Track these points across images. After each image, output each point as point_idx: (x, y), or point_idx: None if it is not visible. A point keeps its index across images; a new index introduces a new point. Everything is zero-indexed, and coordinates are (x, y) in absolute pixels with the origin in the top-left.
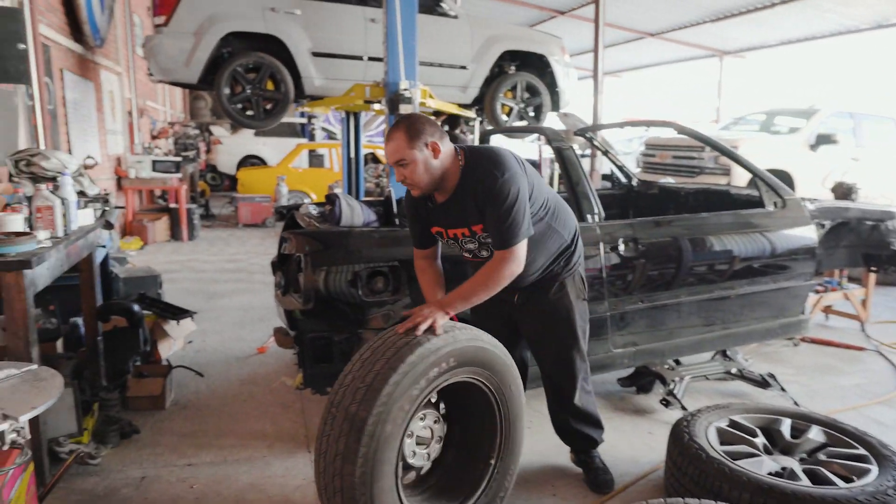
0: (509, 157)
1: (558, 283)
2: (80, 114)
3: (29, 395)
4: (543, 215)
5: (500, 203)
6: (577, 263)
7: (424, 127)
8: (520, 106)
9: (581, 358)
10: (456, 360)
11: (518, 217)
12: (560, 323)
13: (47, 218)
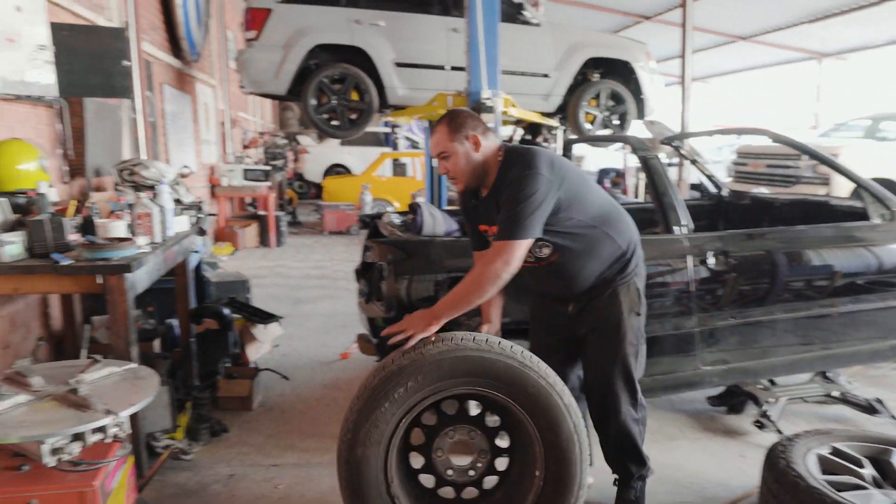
0: (542, 160)
1: (610, 290)
2: (177, 125)
3: (129, 392)
4: (594, 223)
5: (513, 193)
6: (632, 273)
7: (466, 121)
8: (604, 114)
9: (625, 377)
10: (426, 377)
11: (524, 212)
12: (608, 333)
13: (146, 224)
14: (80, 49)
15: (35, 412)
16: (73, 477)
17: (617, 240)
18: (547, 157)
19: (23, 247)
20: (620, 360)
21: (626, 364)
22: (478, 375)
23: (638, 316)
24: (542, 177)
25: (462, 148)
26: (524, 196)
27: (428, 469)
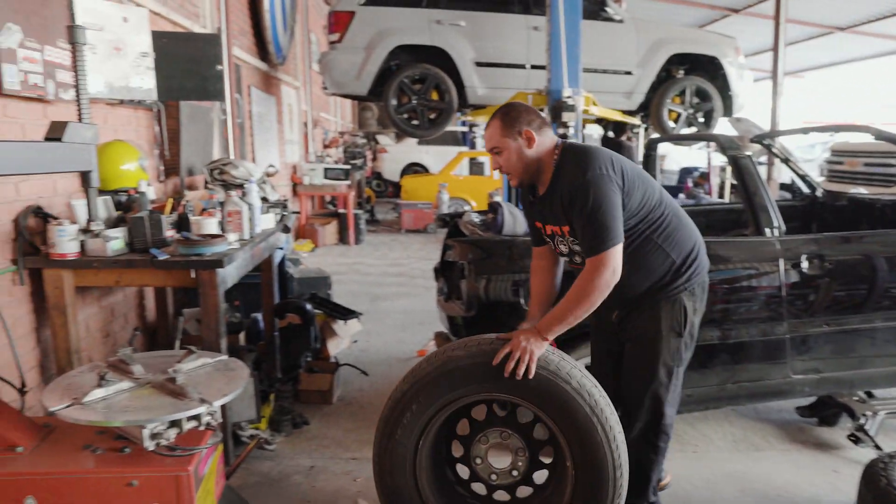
0: (600, 159)
1: (654, 303)
2: (263, 126)
3: (221, 382)
4: (646, 229)
5: (583, 206)
6: (680, 289)
7: (520, 115)
8: (688, 112)
9: (653, 398)
10: (427, 396)
11: (605, 221)
12: (643, 349)
13: (236, 221)
14: (177, 55)
15: (136, 398)
16: (170, 461)
17: (670, 252)
18: (605, 154)
19: (124, 242)
20: (650, 380)
21: (657, 385)
22: (474, 382)
23: (678, 336)
24: (604, 176)
25: (515, 143)
26: (597, 203)
27: (474, 478)
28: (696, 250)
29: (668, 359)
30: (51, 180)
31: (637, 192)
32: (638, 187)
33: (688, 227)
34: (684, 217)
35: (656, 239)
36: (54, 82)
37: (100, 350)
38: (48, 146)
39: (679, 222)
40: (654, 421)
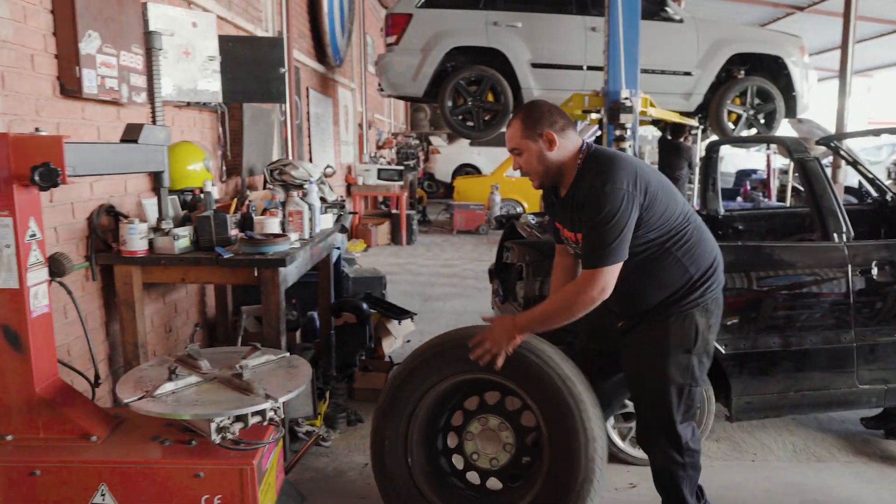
0: (623, 169)
1: (663, 317)
2: (320, 127)
3: (285, 379)
4: (666, 242)
5: (594, 215)
6: (693, 304)
7: (542, 116)
8: (749, 113)
9: (664, 418)
10: (415, 380)
11: (608, 237)
12: (650, 365)
13: (297, 221)
14: (242, 58)
15: (204, 392)
16: (235, 455)
17: (689, 266)
18: (630, 167)
19: (190, 240)
20: (658, 399)
21: (667, 404)
22: (455, 363)
23: (687, 353)
24: (623, 192)
25: (535, 146)
26: (608, 217)
27: (468, 468)
28: (714, 266)
29: (678, 376)
30: (122, 180)
31: (659, 206)
32: (661, 201)
33: (708, 243)
34: (706, 232)
35: (676, 252)
36: (128, 86)
37: (163, 345)
38: (125, 148)
39: (700, 237)
40: (671, 440)
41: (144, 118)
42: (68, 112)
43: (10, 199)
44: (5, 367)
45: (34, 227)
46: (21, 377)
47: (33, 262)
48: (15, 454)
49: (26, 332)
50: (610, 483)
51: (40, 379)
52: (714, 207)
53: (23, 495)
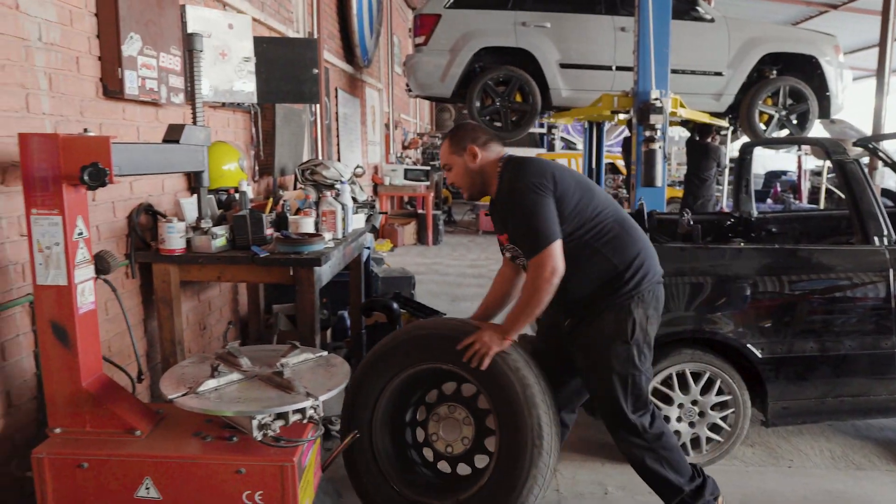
0: (532, 166)
1: (600, 313)
2: (347, 127)
3: (324, 377)
4: (584, 234)
5: (518, 213)
6: (627, 296)
7: (466, 133)
8: (781, 113)
9: (613, 409)
10: (395, 356)
11: (537, 223)
12: (594, 360)
13: (330, 221)
14: (276, 59)
15: (246, 390)
16: (276, 451)
17: (610, 257)
18: (540, 164)
19: (226, 239)
20: (607, 391)
21: (613, 396)
22: (433, 353)
23: (626, 344)
24: (534, 183)
25: (460, 160)
26: (528, 205)
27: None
28: (641, 257)
29: (620, 367)
30: (159, 179)
31: (570, 198)
32: (572, 193)
33: (632, 235)
34: (629, 226)
35: (595, 244)
36: (166, 87)
37: (197, 342)
38: (167, 148)
39: (622, 229)
40: (627, 428)
41: (181, 118)
42: (110, 112)
43: (59, 198)
44: (53, 362)
45: (81, 225)
46: (68, 372)
47: (80, 260)
48: (64, 447)
49: (74, 328)
50: (644, 488)
51: (86, 374)
52: (747, 209)
53: (71, 486)
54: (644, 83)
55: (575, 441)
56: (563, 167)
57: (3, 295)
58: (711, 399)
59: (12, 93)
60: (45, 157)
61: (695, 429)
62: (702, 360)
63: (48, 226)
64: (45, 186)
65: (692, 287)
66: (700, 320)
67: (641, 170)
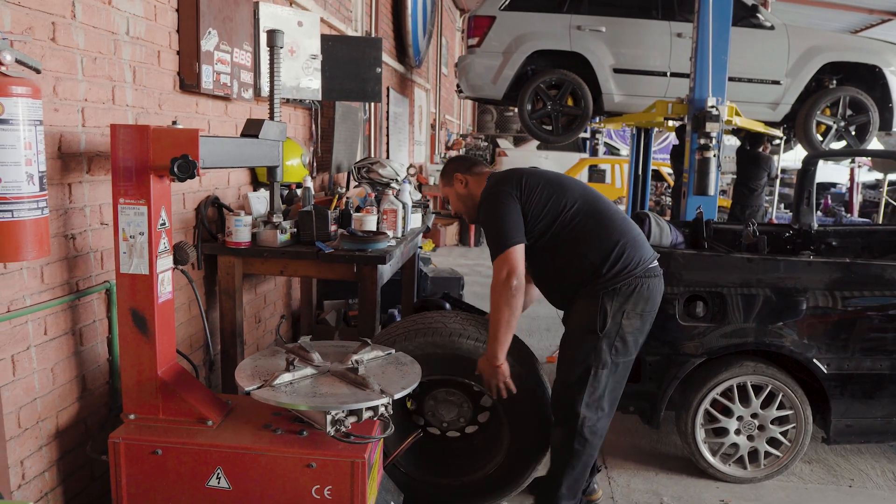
0: (500, 177)
1: (574, 302)
2: (397, 126)
3: (396, 375)
4: (559, 230)
5: (482, 219)
6: (602, 287)
7: (451, 166)
8: (839, 124)
9: (564, 398)
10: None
11: (497, 225)
12: (563, 345)
13: (391, 220)
14: (340, 57)
15: (320, 384)
16: (347, 447)
17: (586, 252)
18: (506, 174)
19: (290, 234)
20: (564, 375)
21: (570, 382)
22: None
23: (593, 334)
24: (496, 191)
25: (452, 189)
26: (490, 214)
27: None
28: (619, 250)
29: (583, 356)
30: (225, 172)
31: (539, 198)
32: (540, 193)
33: (608, 228)
34: (606, 219)
35: (567, 238)
36: (238, 82)
37: (252, 334)
38: (246, 142)
39: (596, 223)
40: (566, 419)
41: (248, 113)
42: (185, 106)
43: (146, 189)
44: (131, 349)
45: (165, 216)
46: (146, 360)
47: (162, 250)
48: (139, 433)
49: (153, 316)
50: (700, 499)
51: (162, 362)
52: (808, 221)
53: (145, 472)
54: (700, 90)
55: (627, 448)
56: (537, 172)
57: (83, 281)
58: (772, 413)
59: (101, 85)
60: (135, 148)
61: (753, 442)
62: (764, 373)
63: (134, 215)
64: (134, 176)
65: (757, 299)
66: (764, 333)
67: (694, 178)
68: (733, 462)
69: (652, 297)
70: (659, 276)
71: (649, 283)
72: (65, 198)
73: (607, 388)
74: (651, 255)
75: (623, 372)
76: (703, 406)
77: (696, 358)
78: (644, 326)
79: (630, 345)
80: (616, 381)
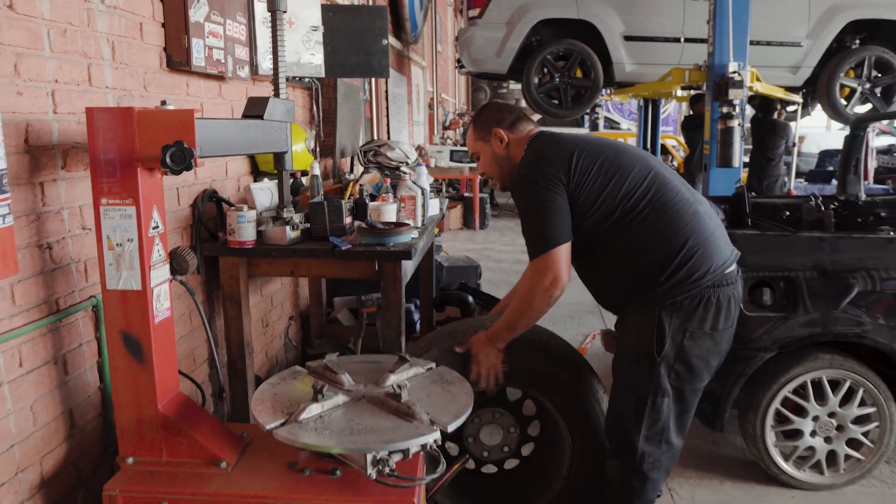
0: (548, 156)
1: (626, 315)
2: (396, 107)
3: (444, 399)
4: (611, 226)
5: (519, 203)
6: (658, 300)
7: (491, 115)
8: (864, 87)
9: (622, 430)
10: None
11: (538, 222)
12: (617, 370)
13: (410, 207)
14: (342, 29)
15: (356, 416)
16: (393, 492)
17: (642, 252)
18: (554, 151)
19: (299, 230)
20: (618, 404)
21: (623, 413)
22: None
23: (649, 357)
24: (536, 176)
25: (487, 147)
26: (530, 202)
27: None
28: (682, 257)
29: (639, 385)
30: (223, 162)
31: (594, 184)
32: (598, 178)
33: (674, 228)
34: (675, 215)
35: (622, 233)
36: (233, 58)
37: (260, 340)
38: (250, 125)
39: (659, 220)
40: (622, 452)
41: (244, 94)
42: (174, 87)
43: (133, 185)
44: (124, 380)
45: (157, 217)
46: (143, 392)
47: (156, 260)
48: (139, 481)
49: (149, 339)
50: None
51: (163, 394)
52: (855, 192)
53: None
54: (721, 55)
55: (684, 453)
56: (592, 146)
57: (65, 299)
58: (853, 411)
59: (74, 62)
60: (117, 136)
61: (831, 444)
62: (842, 367)
63: (120, 218)
64: (118, 171)
65: (833, 283)
66: (842, 321)
67: (717, 149)
68: (809, 467)
69: (726, 310)
70: (735, 283)
71: (721, 295)
72: (36, 200)
73: (670, 417)
74: (727, 259)
75: (691, 398)
76: (774, 405)
77: (766, 352)
78: (719, 346)
79: (698, 369)
80: (682, 409)
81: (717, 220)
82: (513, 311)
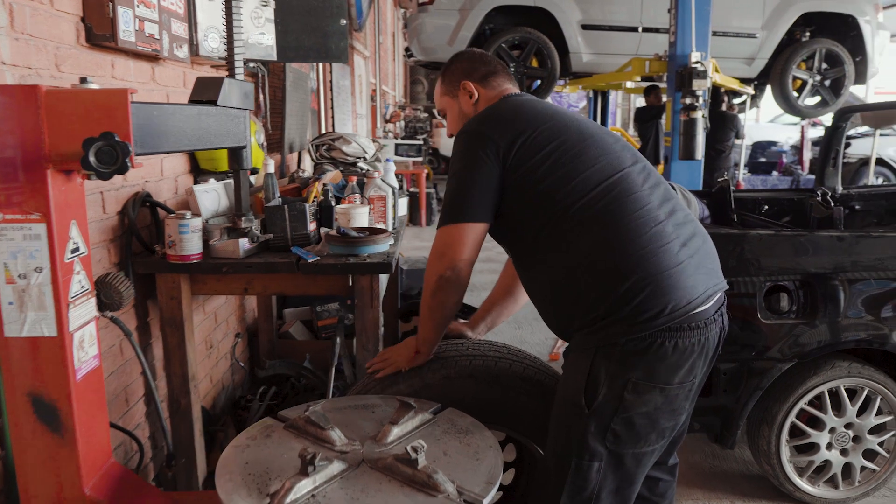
0: (499, 112)
1: (572, 350)
2: (341, 98)
3: (464, 457)
4: (551, 231)
5: (450, 167)
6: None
7: (461, 65)
8: (815, 79)
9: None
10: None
11: (458, 188)
12: (554, 425)
13: (380, 209)
14: (295, 6)
15: (359, 492)
16: None
17: (580, 275)
18: (510, 116)
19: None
20: (546, 463)
21: (548, 474)
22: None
23: (577, 409)
24: (480, 138)
25: (455, 102)
26: (459, 165)
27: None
28: (631, 286)
29: (562, 443)
30: (157, 159)
31: (535, 171)
32: (543, 165)
33: (624, 250)
34: (628, 234)
35: (560, 247)
36: (168, 35)
37: (203, 365)
38: (201, 112)
39: (608, 236)
40: None
41: (181, 80)
42: (95, 67)
43: (42, 194)
44: (37, 457)
45: (77, 236)
46: (63, 471)
47: (77, 293)
48: None
49: (69, 403)
50: None
51: (91, 471)
52: (832, 185)
53: None
54: (683, 45)
55: (685, 470)
56: (559, 122)
57: None
58: (870, 421)
59: None
60: (17, 126)
61: (847, 457)
62: (860, 375)
63: (23, 240)
64: (19, 175)
65: (855, 286)
66: (865, 327)
67: (679, 141)
68: (823, 482)
69: (688, 361)
70: (708, 327)
71: (681, 341)
72: None
73: (603, 489)
74: (696, 297)
75: (633, 466)
76: (790, 419)
77: (784, 363)
78: (672, 405)
79: (642, 430)
80: (622, 479)
81: (698, 248)
82: (422, 304)
